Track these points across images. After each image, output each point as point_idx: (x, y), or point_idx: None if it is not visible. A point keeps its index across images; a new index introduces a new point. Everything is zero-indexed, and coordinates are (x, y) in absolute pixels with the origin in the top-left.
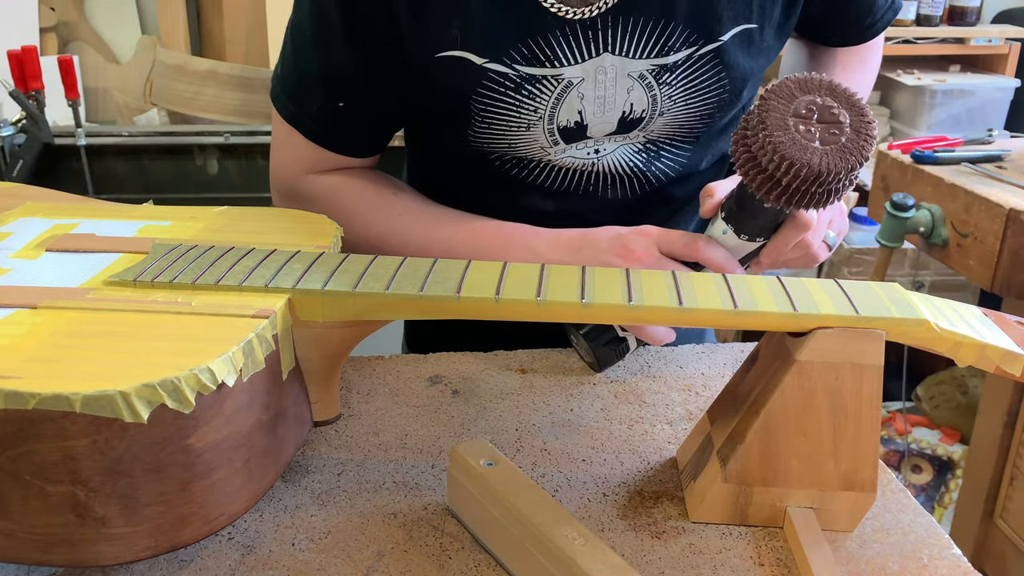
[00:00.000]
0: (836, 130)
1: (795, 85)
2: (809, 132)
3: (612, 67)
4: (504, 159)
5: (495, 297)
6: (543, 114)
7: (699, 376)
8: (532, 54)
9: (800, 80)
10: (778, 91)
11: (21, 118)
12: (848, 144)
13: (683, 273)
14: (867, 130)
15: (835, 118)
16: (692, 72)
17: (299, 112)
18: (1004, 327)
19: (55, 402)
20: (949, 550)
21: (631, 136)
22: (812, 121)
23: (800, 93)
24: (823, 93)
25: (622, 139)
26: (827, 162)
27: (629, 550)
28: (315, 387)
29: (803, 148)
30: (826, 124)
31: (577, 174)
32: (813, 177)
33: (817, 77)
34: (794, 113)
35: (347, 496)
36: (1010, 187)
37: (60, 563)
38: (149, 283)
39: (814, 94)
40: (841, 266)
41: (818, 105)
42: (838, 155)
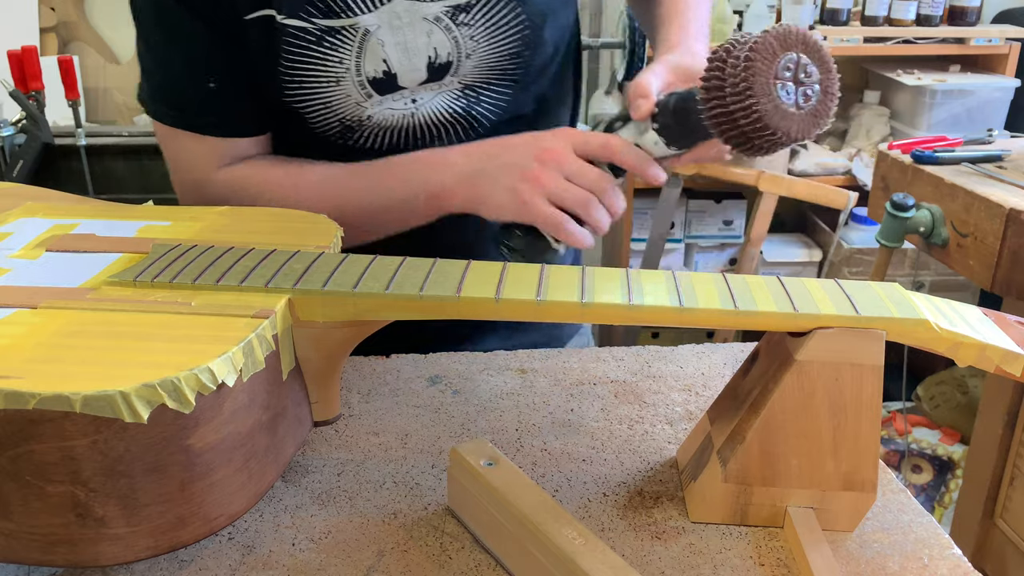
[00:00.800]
0: (809, 91)
1: (777, 41)
2: (788, 95)
3: (406, 12)
4: (329, 123)
5: (495, 297)
6: (349, 66)
7: (699, 376)
8: (327, 6)
9: (781, 35)
10: (761, 49)
11: (21, 118)
12: (818, 107)
13: (683, 273)
14: (833, 88)
15: (810, 78)
16: (488, 11)
17: (181, 114)
18: (1004, 327)
19: (55, 402)
20: (949, 550)
21: (446, 83)
22: (790, 81)
23: (781, 51)
24: (800, 49)
25: (437, 87)
26: (801, 128)
27: (629, 550)
28: (315, 387)
29: (784, 115)
30: (802, 85)
31: (402, 130)
32: (787, 142)
33: (795, 30)
34: (776, 75)
35: (347, 496)
36: (1010, 187)
37: (60, 563)
38: (149, 283)
39: (793, 50)
40: (841, 266)
41: (795, 64)
42: (809, 120)
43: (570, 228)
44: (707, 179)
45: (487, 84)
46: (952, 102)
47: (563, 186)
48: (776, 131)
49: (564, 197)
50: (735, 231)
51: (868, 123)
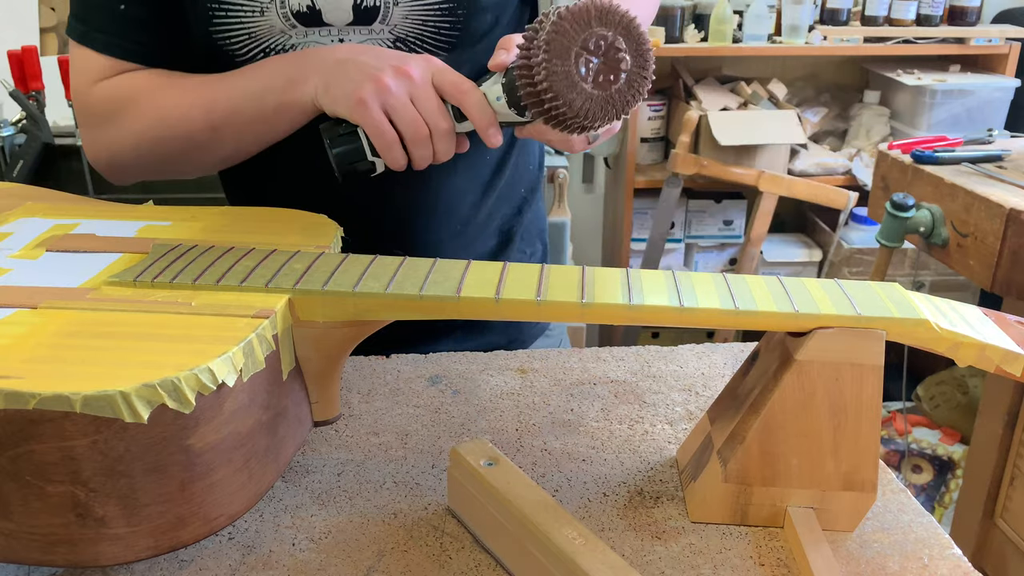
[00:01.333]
0: (613, 76)
1: (595, 13)
2: (587, 70)
3: None
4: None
5: (495, 297)
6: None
7: (699, 376)
8: None
9: (602, 9)
10: (576, 15)
11: (21, 118)
12: (615, 95)
13: (683, 273)
14: (639, 85)
15: (617, 63)
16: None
17: (88, 29)
18: (1004, 327)
19: (55, 402)
20: (949, 550)
21: (375, 31)
22: (595, 58)
23: (596, 24)
24: (618, 31)
25: (367, 32)
26: (589, 108)
27: (629, 550)
28: (315, 387)
29: (573, 86)
30: (607, 67)
31: None
32: (572, 116)
33: (620, 11)
34: (582, 44)
35: (347, 496)
36: (1010, 187)
37: (60, 563)
38: (149, 283)
39: (610, 28)
40: (841, 266)
41: (607, 43)
42: (602, 103)
43: (389, 140)
44: (707, 179)
45: (420, 41)
46: (952, 102)
47: (403, 103)
48: (560, 98)
49: (400, 113)
50: (735, 231)
51: (868, 123)
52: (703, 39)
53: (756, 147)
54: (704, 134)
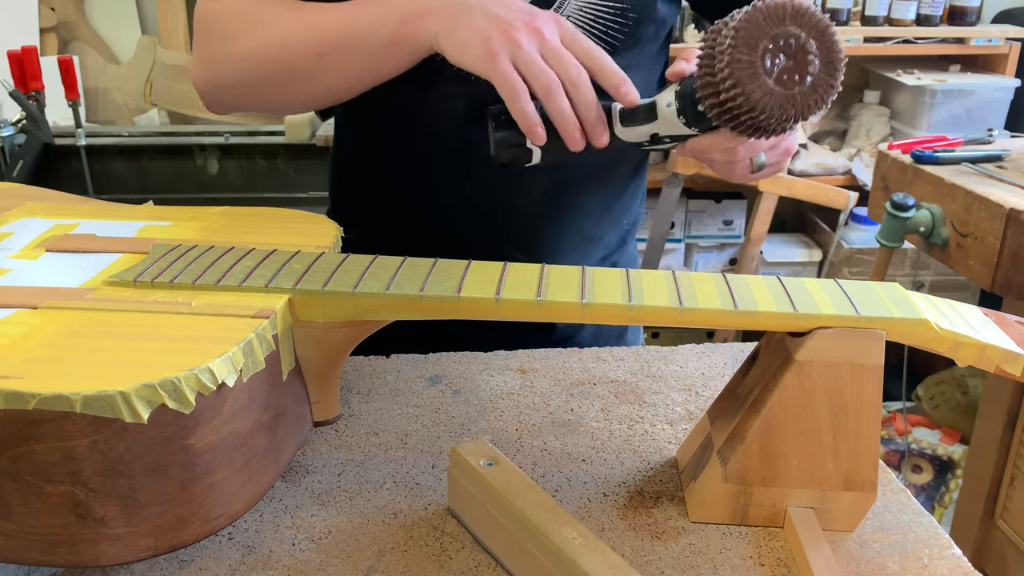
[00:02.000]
0: (799, 76)
1: (791, 11)
2: (772, 65)
3: None
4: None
5: (495, 297)
6: None
7: (699, 376)
8: None
9: (798, 8)
10: (771, 8)
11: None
12: (798, 96)
13: (683, 273)
14: (824, 92)
15: (805, 65)
16: None
17: None
18: (1004, 327)
19: (55, 402)
20: (949, 550)
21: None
22: (782, 55)
23: (790, 22)
24: (812, 33)
25: None
26: (768, 104)
27: (629, 550)
28: (315, 387)
29: (755, 77)
30: (794, 67)
31: None
32: (748, 109)
33: (817, 15)
34: (772, 39)
35: (347, 496)
36: (1010, 187)
37: (60, 563)
38: (149, 283)
39: (803, 28)
40: (841, 266)
41: (798, 42)
42: (782, 101)
43: (520, 93)
44: (707, 179)
45: (588, 35)
46: (952, 102)
47: (534, 58)
48: (758, 108)
49: (533, 68)
50: (735, 231)
51: (868, 123)
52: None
53: None
54: None
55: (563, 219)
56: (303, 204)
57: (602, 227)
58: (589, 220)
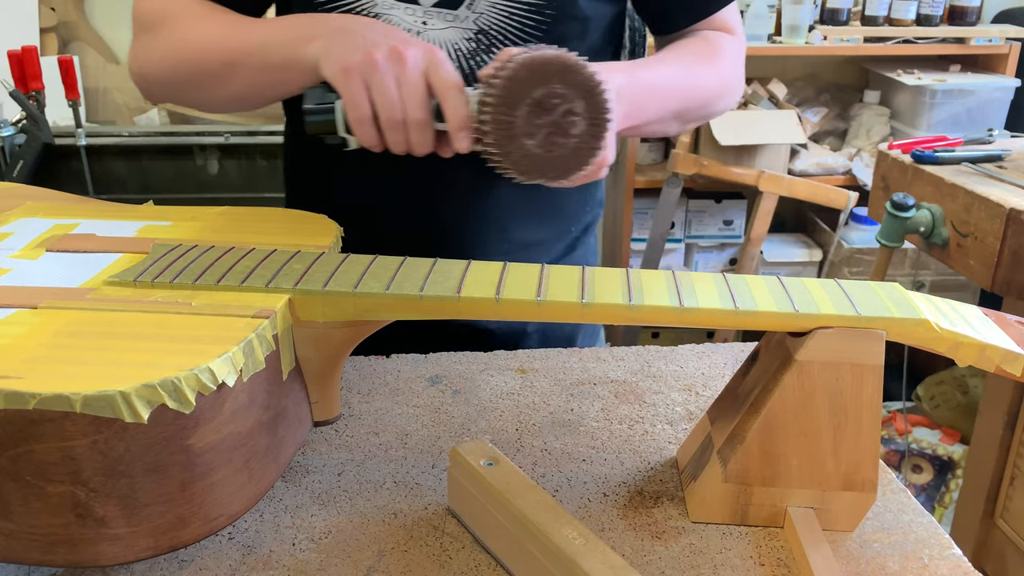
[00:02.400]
0: (561, 138)
1: (558, 69)
2: (533, 127)
3: None
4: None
5: (495, 297)
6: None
7: (699, 376)
8: None
9: (566, 66)
10: (536, 66)
11: (21, 118)
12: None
13: (683, 273)
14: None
15: (568, 127)
16: None
17: None
18: (1004, 327)
19: (55, 402)
20: (949, 550)
21: (460, 16)
22: (545, 116)
23: (556, 81)
24: (579, 92)
25: (451, 17)
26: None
27: (629, 550)
28: (315, 387)
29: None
30: (556, 128)
31: None
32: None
33: (586, 72)
34: (534, 99)
35: (347, 496)
36: (1010, 187)
37: (60, 563)
38: (149, 283)
39: (570, 88)
40: (841, 266)
41: (562, 103)
42: (541, 164)
43: (361, 114)
44: (707, 179)
45: (502, 35)
46: (952, 102)
47: (386, 83)
48: (516, 168)
49: (379, 91)
50: (735, 231)
51: (868, 123)
52: None
53: (756, 147)
54: (704, 134)
55: (488, 222)
56: None
57: (538, 233)
58: (516, 224)
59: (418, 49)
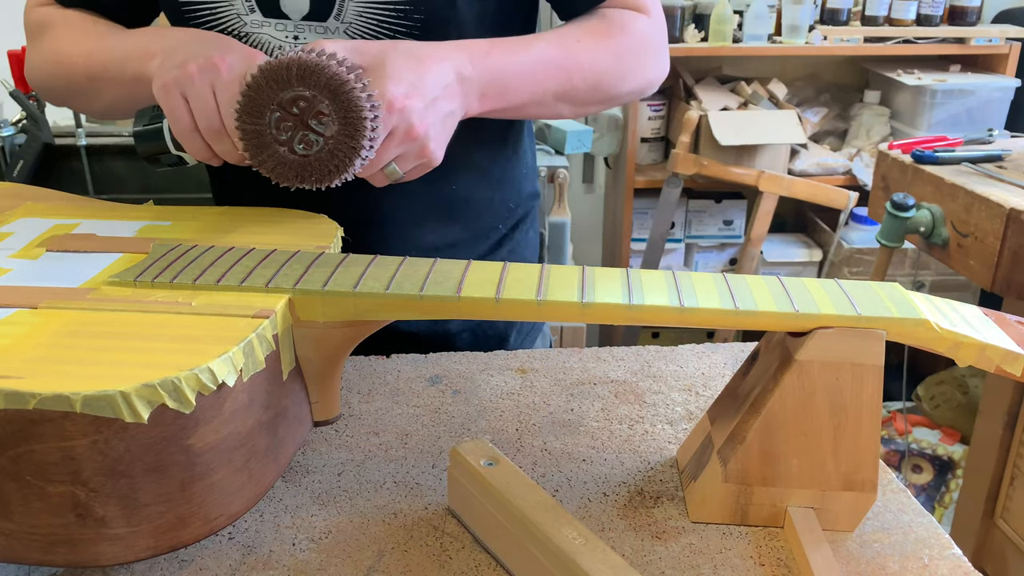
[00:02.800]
0: (315, 139)
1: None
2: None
3: None
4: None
5: (495, 297)
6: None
7: (699, 376)
8: None
9: (305, 67)
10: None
11: (21, 118)
12: (314, 161)
13: (683, 273)
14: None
15: (319, 126)
16: None
17: None
18: (1004, 327)
19: (55, 402)
20: (949, 550)
21: (330, 27)
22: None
23: (297, 83)
24: (323, 92)
25: (321, 29)
26: (283, 171)
27: (629, 550)
28: (315, 387)
29: (265, 146)
30: (307, 131)
31: None
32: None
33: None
34: (279, 104)
35: (347, 496)
36: (1010, 187)
37: (60, 563)
38: (149, 283)
39: (312, 89)
40: (841, 266)
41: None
42: (299, 168)
43: (182, 127)
44: (707, 179)
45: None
46: (952, 102)
47: (201, 93)
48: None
49: (195, 103)
50: (735, 231)
51: (868, 123)
52: (703, 39)
53: (756, 147)
54: (704, 134)
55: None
56: None
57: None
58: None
59: (235, 56)
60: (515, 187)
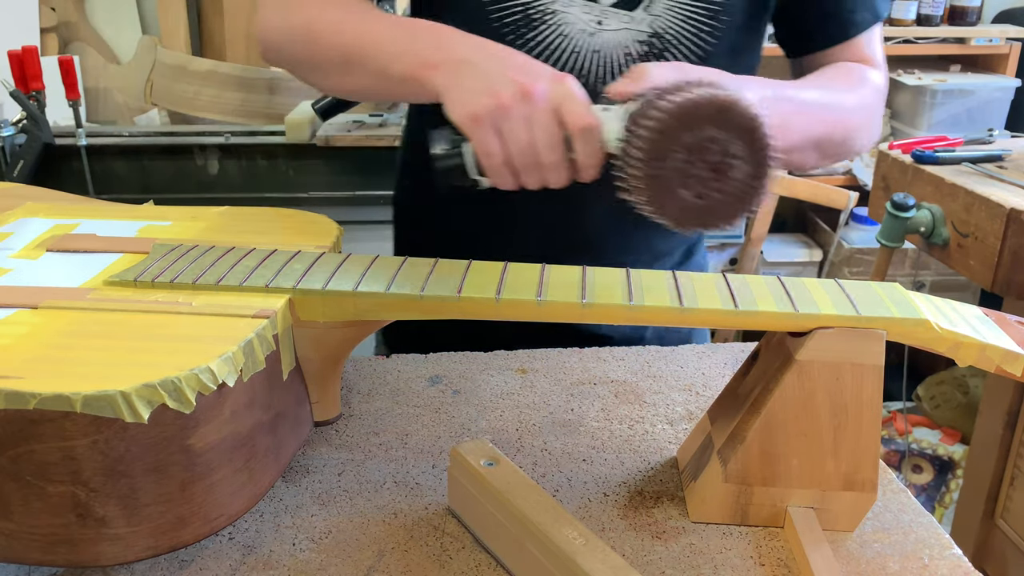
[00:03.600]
0: (719, 184)
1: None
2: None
3: None
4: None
5: (495, 297)
6: None
7: (699, 376)
8: None
9: (723, 106)
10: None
11: (22, 118)
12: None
13: (683, 273)
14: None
15: (727, 170)
16: None
17: None
18: (1004, 327)
19: (56, 402)
20: (949, 550)
21: (636, 18)
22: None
23: (710, 125)
24: (737, 133)
25: (627, 19)
26: (682, 217)
27: (629, 550)
28: (315, 387)
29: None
30: (714, 174)
31: (573, 53)
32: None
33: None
34: (688, 146)
35: (347, 496)
36: (1010, 187)
37: (61, 563)
38: (150, 283)
39: (727, 130)
40: (841, 266)
41: (719, 147)
42: (699, 212)
43: (496, 163)
44: None
45: (677, 40)
46: (952, 102)
47: (518, 126)
48: (672, 220)
49: (513, 137)
50: (735, 231)
51: None
52: None
53: None
54: None
55: (632, 234)
56: (303, 204)
57: (671, 242)
58: (658, 235)
59: (545, 82)
60: None
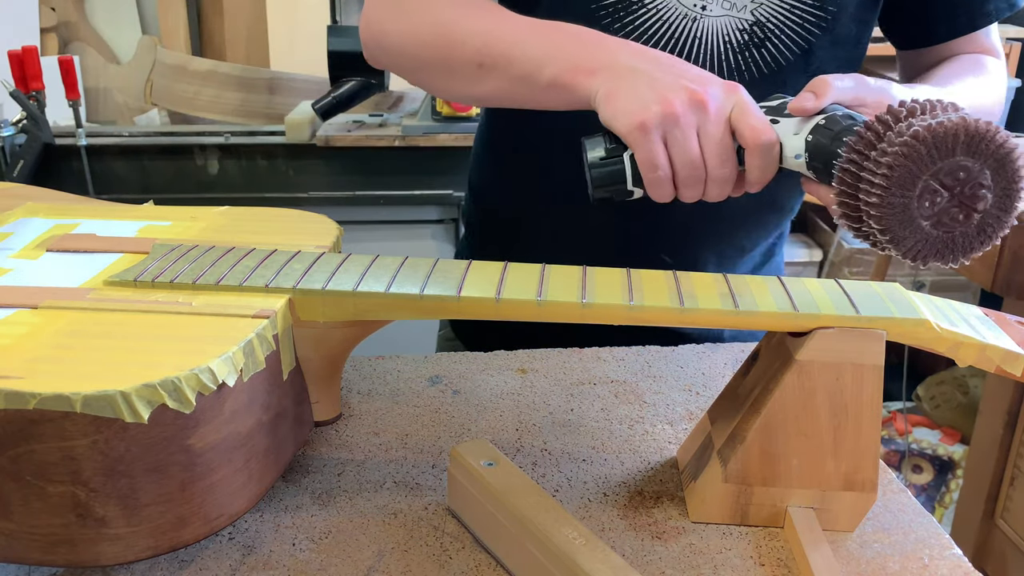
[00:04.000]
0: (963, 216)
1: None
2: (931, 205)
3: None
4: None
5: (495, 297)
6: None
7: (699, 376)
8: None
9: (975, 134)
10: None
11: (21, 118)
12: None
13: (683, 273)
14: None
15: (974, 202)
16: None
17: None
18: (1004, 327)
19: (55, 402)
20: (950, 550)
21: (737, 5)
22: (946, 192)
23: (961, 153)
24: (988, 163)
25: (729, 5)
26: (920, 249)
27: (629, 550)
28: (315, 387)
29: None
30: (959, 205)
31: (673, 37)
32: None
33: (997, 138)
34: (935, 174)
35: (347, 496)
36: None
37: (61, 563)
38: (150, 283)
39: (977, 159)
40: (841, 266)
41: (969, 176)
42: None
43: (660, 177)
44: None
45: (779, 30)
46: None
47: (687, 137)
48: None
49: (680, 148)
50: None
51: None
52: None
53: None
54: None
55: (717, 228)
56: (303, 204)
57: (754, 239)
58: (742, 231)
59: (719, 90)
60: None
